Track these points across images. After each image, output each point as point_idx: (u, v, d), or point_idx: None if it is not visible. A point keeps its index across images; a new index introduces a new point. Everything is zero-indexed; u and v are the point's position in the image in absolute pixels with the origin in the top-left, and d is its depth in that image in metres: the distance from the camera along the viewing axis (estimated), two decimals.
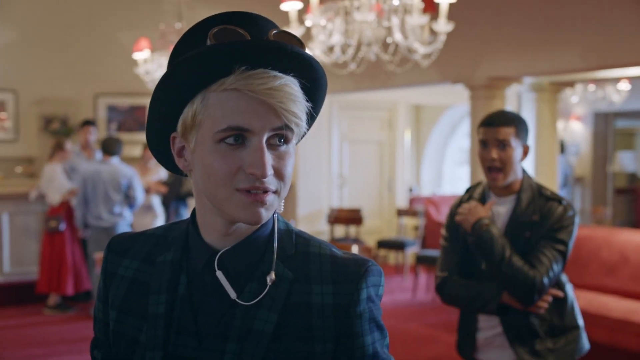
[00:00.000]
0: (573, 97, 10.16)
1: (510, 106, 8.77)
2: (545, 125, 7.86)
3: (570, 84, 8.02)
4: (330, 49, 4.58)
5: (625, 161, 13.25)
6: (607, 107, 11.21)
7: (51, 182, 7.18)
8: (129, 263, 1.24)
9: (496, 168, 2.73)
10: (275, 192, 1.10)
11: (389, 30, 4.33)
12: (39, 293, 7.39)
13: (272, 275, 1.14)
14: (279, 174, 1.10)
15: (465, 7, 5.91)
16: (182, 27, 6.61)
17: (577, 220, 2.73)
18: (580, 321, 2.82)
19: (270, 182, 1.08)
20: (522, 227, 2.73)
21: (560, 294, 2.78)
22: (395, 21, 4.13)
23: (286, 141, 1.10)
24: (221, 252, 1.16)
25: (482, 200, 2.86)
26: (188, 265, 1.19)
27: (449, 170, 12.00)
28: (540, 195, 2.77)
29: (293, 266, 1.17)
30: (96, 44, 9.31)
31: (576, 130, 12.40)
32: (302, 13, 4.58)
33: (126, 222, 7.02)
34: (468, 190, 3.00)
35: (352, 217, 9.14)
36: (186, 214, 8.58)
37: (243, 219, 1.09)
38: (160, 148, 1.21)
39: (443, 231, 2.94)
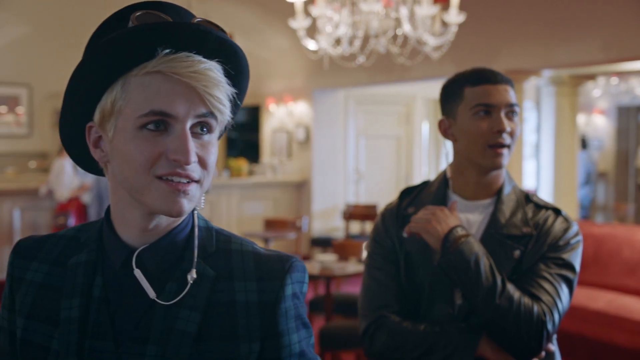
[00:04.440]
0: (595, 90, 9.95)
1: (529, 100, 8.58)
2: (565, 119, 7.67)
3: (592, 76, 7.83)
4: (337, 41, 4.44)
5: None
6: (630, 101, 10.98)
7: (59, 177, 7.14)
8: (37, 267, 1.17)
9: (503, 145, 1.90)
10: (197, 182, 1.06)
11: (398, 22, 4.19)
12: None
13: (193, 274, 1.10)
14: (202, 163, 1.06)
15: None
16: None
17: (581, 238, 1.96)
18: None
19: (194, 169, 1.04)
20: (506, 244, 1.91)
21: (551, 347, 1.91)
22: (404, 12, 4.00)
23: (209, 130, 1.06)
24: (139, 249, 1.10)
25: (440, 203, 1.99)
26: (104, 266, 1.13)
27: None
28: (528, 201, 1.99)
29: (215, 264, 1.13)
30: None
31: (599, 124, 12.16)
32: (308, 4, 4.46)
33: None
34: (408, 193, 2.11)
35: (368, 213, 9.00)
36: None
37: (163, 210, 1.04)
38: (75, 141, 1.15)
39: (367, 257, 2.07)
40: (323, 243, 9.06)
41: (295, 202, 9.83)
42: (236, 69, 1.10)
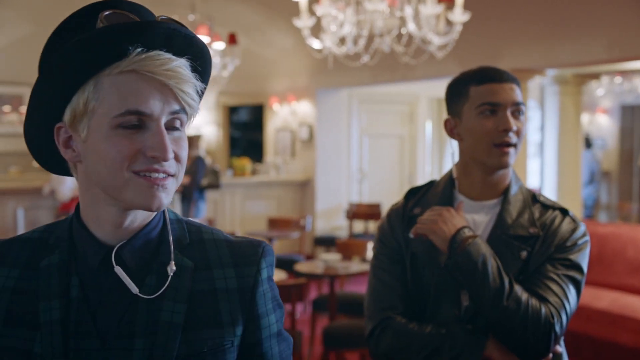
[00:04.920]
0: (599, 89, 9.93)
1: (533, 99, 8.57)
2: (568, 119, 7.66)
3: (596, 76, 7.81)
4: (342, 40, 4.44)
5: None
6: (634, 100, 10.96)
7: (61, 177, 7.12)
8: (7, 272, 1.15)
9: (509, 144, 1.88)
10: (173, 176, 1.08)
11: (402, 21, 4.18)
12: None
13: (172, 266, 1.12)
14: (177, 158, 1.08)
15: None
16: (195, 19, 6.53)
17: (589, 239, 1.93)
18: None
19: (170, 165, 1.07)
20: (513, 244, 1.89)
21: (559, 349, 1.89)
22: (408, 11, 3.99)
23: (181, 125, 1.09)
24: (118, 246, 1.11)
25: (446, 204, 1.96)
26: (77, 266, 1.13)
27: None
28: (535, 201, 1.96)
29: (191, 255, 1.16)
30: None
31: (602, 123, 12.13)
32: (312, 3, 4.45)
33: None
34: (414, 193, 2.09)
35: (371, 213, 8.99)
36: (204, 208, 8.51)
37: (142, 205, 1.06)
38: (40, 143, 1.15)
39: (373, 258, 2.05)
40: (326, 242, 9.06)
41: (299, 201, 9.83)
42: (202, 65, 1.12)
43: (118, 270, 1.10)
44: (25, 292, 1.13)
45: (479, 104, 1.90)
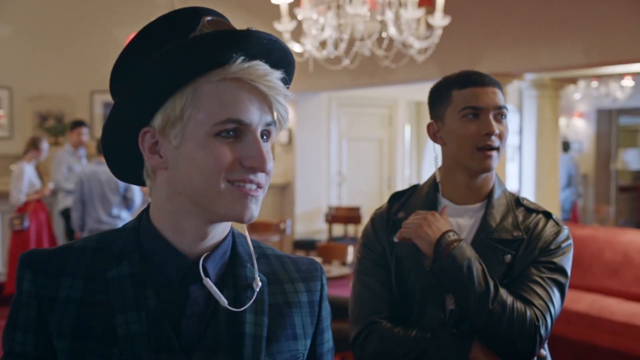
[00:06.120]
0: (576, 94, 10.03)
1: (511, 103, 8.63)
2: (546, 122, 7.73)
3: (573, 80, 7.89)
4: (323, 43, 4.44)
5: (629, 159, 13.08)
6: (610, 104, 11.08)
7: (17, 182, 6.95)
8: (70, 283, 1.08)
9: (492, 147, 1.88)
10: (262, 188, 1.08)
11: (383, 24, 4.19)
12: (7, 295, 7.18)
13: (258, 281, 1.12)
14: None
15: (463, 0, 5.77)
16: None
17: (572, 242, 1.96)
18: None
19: (262, 177, 1.06)
20: (497, 248, 1.88)
21: (543, 352, 1.90)
22: (389, 15, 4.00)
23: (268, 138, 1.09)
24: (203, 257, 1.09)
25: (430, 208, 1.95)
26: (153, 277, 1.09)
27: None
28: (519, 205, 1.96)
29: (262, 269, 1.16)
30: (92, 40, 9.19)
31: (579, 127, 12.25)
32: (293, 7, 4.45)
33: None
34: (398, 197, 2.07)
35: (350, 216, 8.99)
36: None
37: (234, 216, 1.05)
38: (117, 149, 1.12)
39: (357, 262, 2.04)
40: (306, 246, 9.05)
41: (278, 205, 9.81)
42: (290, 78, 1.13)
43: (207, 282, 1.08)
44: (95, 304, 1.07)
45: (462, 107, 1.91)
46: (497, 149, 1.90)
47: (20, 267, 1.10)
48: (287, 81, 1.10)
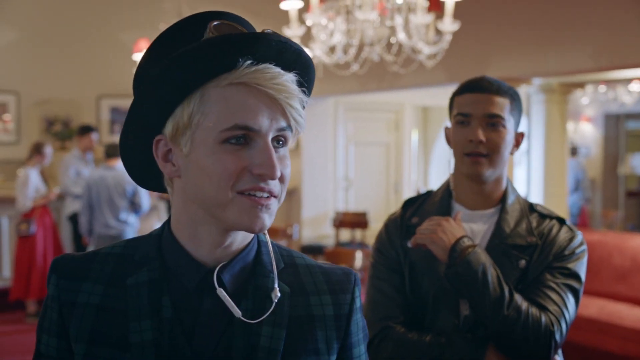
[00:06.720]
0: (583, 98, 10.01)
1: None
2: (554, 127, 7.70)
3: (581, 85, 7.87)
4: (332, 49, 4.44)
5: (637, 163, 13.03)
6: (618, 109, 11.05)
7: (22, 187, 6.94)
8: (91, 288, 1.09)
9: (480, 154, 1.90)
10: (276, 197, 1.04)
11: (393, 30, 4.19)
12: (12, 300, 7.13)
13: (277, 292, 1.08)
14: (281, 177, 1.04)
15: (472, 5, 5.76)
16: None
17: (586, 247, 1.95)
18: None
19: (274, 184, 1.03)
20: (511, 254, 1.88)
21: (557, 358, 1.90)
22: (398, 20, 4.00)
23: (285, 143, 1.05)
24: (219, 266, 1.07)
25: (444, 214, 1.97)
26: (170, 285, 1.08)
27: None
28: (532, 211, 1.97)
29: (286, 279, 1.12)
30: (98, 45, 9.22)
31: (586, 132, 12.23)
32: (302, 12, 4.45)
33: (133, 229, 6.82)
34: (411, 203, 2.10)
35: (357, 221, 8.98)
36: None
37: (244, 226, 1.01)
38: (135, 156, 1.11)
39: (371, 267, 2.04)
40: (313, 251, 9.04)
41: (285, 210, 9.81)
42: (307, 80, 1.10)
43: (220, 292, 1.05)
44: (112, 310, 1.07)
45: (455, 113, 1.95)
46: (487, 156, 1.90)
47: (49, 270, 1.13)
48: (303, 83, 1.07)
